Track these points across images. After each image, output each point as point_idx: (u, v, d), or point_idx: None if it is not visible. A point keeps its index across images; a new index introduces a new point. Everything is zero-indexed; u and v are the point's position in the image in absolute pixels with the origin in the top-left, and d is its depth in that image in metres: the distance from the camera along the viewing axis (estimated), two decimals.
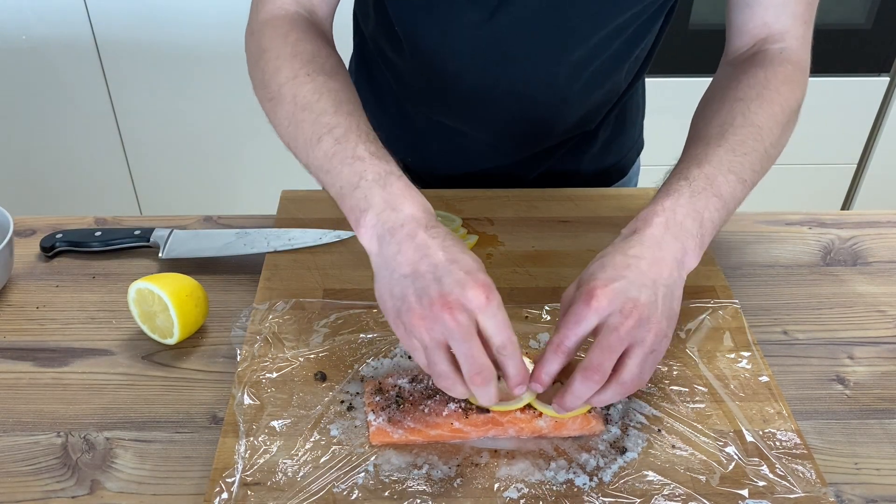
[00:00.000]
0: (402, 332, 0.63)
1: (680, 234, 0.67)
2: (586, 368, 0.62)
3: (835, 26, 1.95)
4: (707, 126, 0.77)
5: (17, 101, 2.04)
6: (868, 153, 2.17)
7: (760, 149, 0.74)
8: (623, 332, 0.62)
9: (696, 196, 0.69)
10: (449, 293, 0.60)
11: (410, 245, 0.64)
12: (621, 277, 0.64)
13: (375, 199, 0.66)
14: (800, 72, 0.81)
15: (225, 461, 0.66)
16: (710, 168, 0.71)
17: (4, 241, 0.84)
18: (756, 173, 0.74)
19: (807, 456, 0.67)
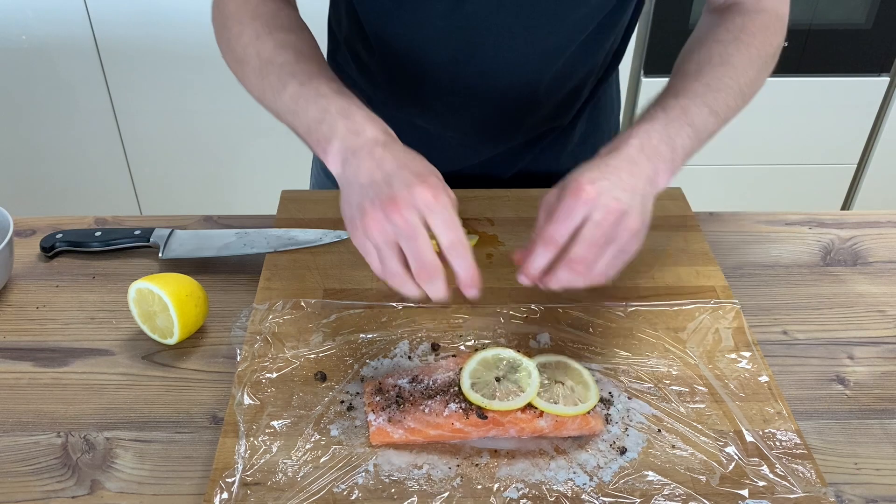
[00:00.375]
0: (358, 237, 0.67)
1: (653, 156, 0.72)
2: (573, 260, 0.67)
3: (835, 26, 1.95)
4: (686, 64, 0.83)
5: (17, 101, 2.04)
6: (868, 153, 2.17)
7: (735, 86, 0.79)
8: (606, 226, 0.67)
9: (670, 124, 0.74)
10: (397, 194, 0.64)
11: (369, 160, 0.68)
12: (605, 178, 0.69)
13: (339, 128, 0.72)
14: (776, 19, 0.86)
15: (225, 461, 0.66)
16: (686, 100, 0.77)
17: (4, 241, 0.84)
18: (729, 108, 0.79)
19: (807, 456, 0.67)
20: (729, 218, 0.99)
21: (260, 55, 0.79)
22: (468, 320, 0.81)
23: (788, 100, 2.04)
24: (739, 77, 0.80)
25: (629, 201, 0.68)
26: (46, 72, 1.98)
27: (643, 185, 0.70)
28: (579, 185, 0.68)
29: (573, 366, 0.72)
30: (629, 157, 0.71)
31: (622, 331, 0.80)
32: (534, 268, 0.69)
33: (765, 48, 0.84)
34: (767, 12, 0.86)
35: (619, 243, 0.68)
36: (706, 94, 0.78)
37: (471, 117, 0.98)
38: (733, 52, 0.81)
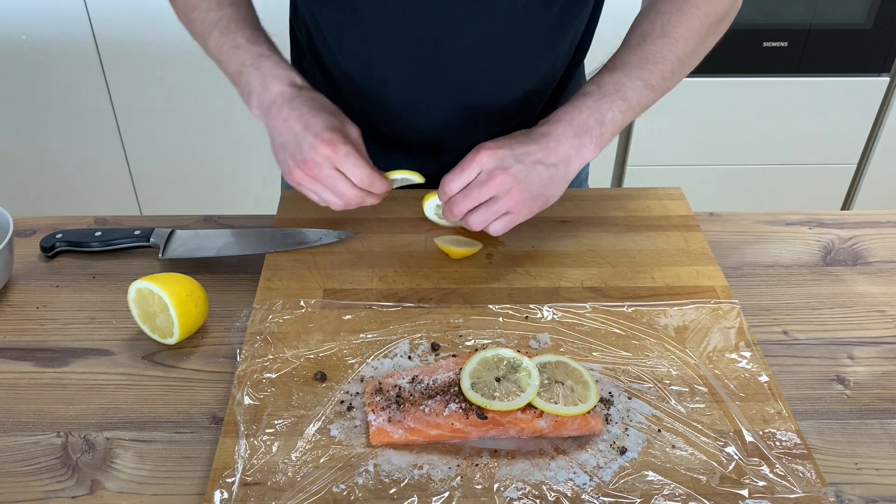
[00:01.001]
0: (293, 184, 0.83)
1: (580, 131, 0.80)
2: (451, 203, 0.81)
3: (835, 26, 1.95)
4: (630, 37, 0.87)
5: (17, 101, 2.04)
6: (868, 153, 2.17)
7: (672, 58, 0.83)
8: (485, 189, 0.78)
9: (602, 99, 0.81)
10: (306, 156, 0.79)
11: (279, 119, 0.81)
12: (507, 148, 0.78)
13: (254, 82, 0.83)
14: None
15: (225, 461, 0.66)
16: (620, 74, 0.82)
17: (4, 241, 0.84)
18: (666, 80, 0.84)
19: (807, 456, 0.67)
20: (729, 218, 0.99)
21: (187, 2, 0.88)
22: (468, 320, 0.81)
23: (788, 100, 2.04)
24: (678, 48, 0.84)
25: (521, 173, 0.78)
26: (46, 72, 1.98)
27: (556, 159, 0.79)
28: (479, 148, 0.79)
29: (573, 366, 0.72)
30: (554, 134, 0.80)
31: (622, 331, 0.80)
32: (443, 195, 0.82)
33: (708, 17, 0.85)
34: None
35: (497, 205, 0.79)
36: (642, 66, 0.82)
37: (435, 117, 0.97)
38: (675, 23, 0.84)
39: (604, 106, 0.81)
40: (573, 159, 0.80)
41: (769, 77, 2.00)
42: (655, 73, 0.83)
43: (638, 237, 0.94)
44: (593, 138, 0.80)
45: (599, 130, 0.80)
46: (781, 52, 1.97)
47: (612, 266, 0.89)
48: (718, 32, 0.88)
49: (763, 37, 1.93)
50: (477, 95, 0.95)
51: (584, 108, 0.80)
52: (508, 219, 0.81)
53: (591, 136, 0.80)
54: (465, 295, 0.85)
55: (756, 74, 1.99)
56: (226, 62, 0.86)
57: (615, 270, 0.88)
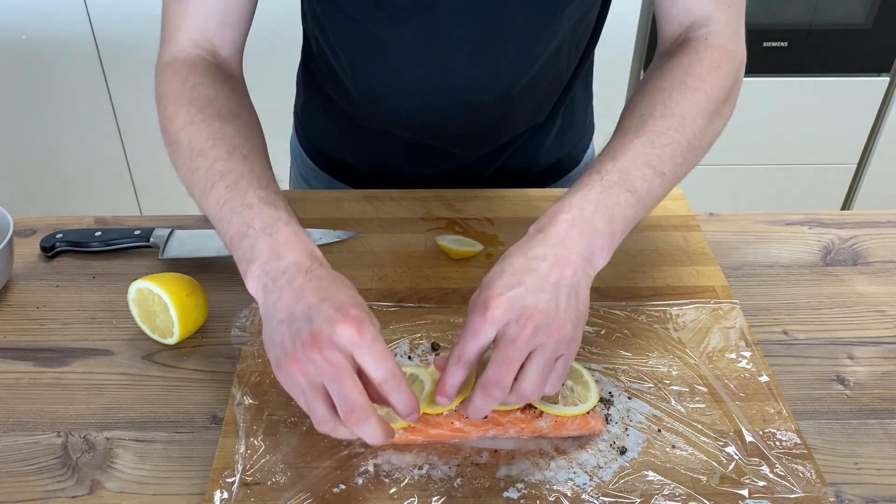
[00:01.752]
0: (284, 379, 0.61)
1: (587, 231, 0.65)
2: (485, 384, 0.61)
3: (835, 26, 1.95)
4: (628, 119, 0.74)
5: (17, 101, 2.04)
6: (868, 153, 2.17)
7: (682, 140, 0.71)
8: (521, 342, 0.60)
9: (607, 191, 0.67)
10: (319, 332, 0.59)
11: (289, 290, 0.62)
12: (518, 284, 0.62)
13: (261, 249, 0.65)
14: (727, 58, 0.78)
15: (225, 461, 0.66)
16: (625, 162, 0.69)
17: (4, 241, 0.84)
18: (678, 166, 0.71)
19: (807, 456, 0.67)
20: (729, 218, 0.99)
21: (191, 146, 0.73)
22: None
23: (788, 100, 2.04)
24: (687, 129, 0.72)
25: (548, 304, 0.61)
26: (46, 72, 1.98)
27: (572, 271, 0.64)
28: (486, 300, 0.61)
29: (573, 366, 0.72)
30: (558, 238, 0.65)
31: (622, 331, 0.80)
32: (449, 386, 0.63)
33: (714, 92, 0.75)
34: (717, 49, 0.78)
35: (545, 353, 0.61)
36: (648, 153, 0.69)
37: (445, 129, 0.97)
38: (678, 98, 0.73)
39: (610, 200, 0.67)
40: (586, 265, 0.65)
41: (769, 77, 2.01)
42: (665, 158, 0.70)
43: (638, 237, 0.94)
44: (603, 238, 0.66)
45: (609, 229, 0.66)
46: (781, 52, 1.97)
47: (612, 266, 0.89)
48: (725, 114, 0.77)
49: (763, 37, 1.94)
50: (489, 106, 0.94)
51: (586, 203, 0.66)
52: (562, 364, 0.63)
53: (601, 236, 0.66)
54: (465, 295, 0.85)
55: (756, 74, 1.99)
56: (226, 221, 0.68)
57: (615, 270, 0.88)
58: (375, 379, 0.60)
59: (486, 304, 0.61)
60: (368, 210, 0.97)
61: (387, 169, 1.05)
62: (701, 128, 0.73)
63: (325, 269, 0.65)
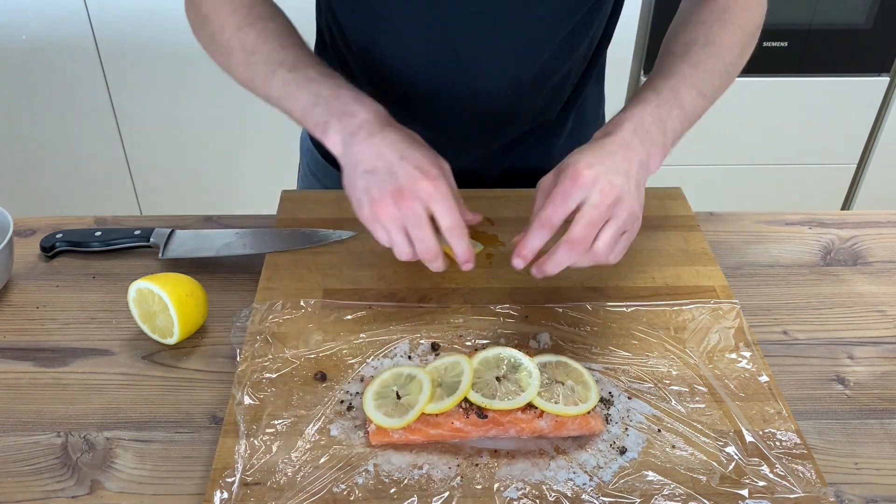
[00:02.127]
0: (366, 216, 0.74)
1: (646, 139, 0.74)
2: (571, 241, 0.70)
3: (835, 26, 1.95)
4: (674, 45, 0.84)
5: (17, 101, 2.04)
6: (868, 153, 2.17)
7: (720, 66, 0.82)
8: (603, 208, 0.69)
9: (661, 106, 0.77)
10: (403, 186, 0.71)
11: (369, 145, 0.73)
12: (601, 163, 0.71)
13: (335, 110, 0.76)
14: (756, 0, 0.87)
15: (225, 461, 0.66)
16: (675, 81, 0.79)
17: (4, 241, 0.84)
18: (716, 89, 0.82)
19: (807, 456, 0.67)
20: (729, 218, 0.99)
21: (244, 46, 0.83)
22: (468, 320, 0.81)
23: (788, 100, 2.04)
24: (725, 56, 0.82)
25: (624, 184, 0.70)
26: (46, 72, 1.98)
27: (637, 168, 0.73)
28: (577, 170, 0.70)
29: (573, 366, 0.72)
30: (623, 141, 0.73)
31: (622, 331, 0.80)
32: (529, 249, 0.71)
33: (747, 27, 0.85)
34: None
35: (618, 223, 0.70)
36: (694, 75, 0.80)
37: (455, 120, 0.97)
38: (718, 31, 0.83)
39: (663, 114, 0.76)
40: (644, 168, 0.75)
41: (769, 77, 2.00)
42: (707, 80, 0.80)
43: (638, 237, 0.93)
44: (657, 146, 0.76)
45: (662, 139, 0.76)
46: (781, 52, 1.97)
47: (612, 266, 0.89)
48: (751, 46, 0.88)
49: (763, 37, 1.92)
50: (498, 98, 0.95)
51: (645, 115, 0.76)
52: (626, 239, 0.73)
53: (656, 145, 0.75)
54: (465, 295, 0.85)
55: (756, 74, 1.99)
56: (294, 97, 0.79)
57: (615, 270, 0.88)
58: (443, 226, 0.73)
59: (577, 172, 0.70)
60: None
61: None
62: (736, 56, 0.84)
63: (395, 125, 0.77)
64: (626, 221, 0.71)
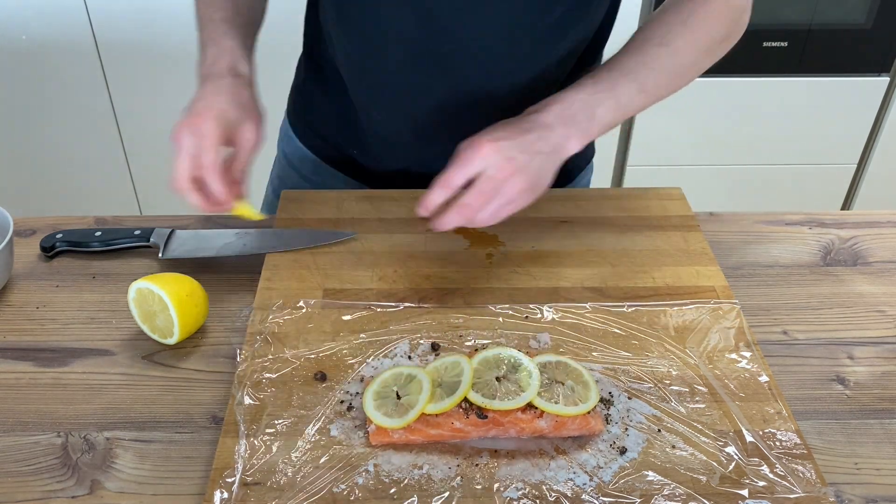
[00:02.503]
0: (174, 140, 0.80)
1: (569, 123, 0.80)
2: (461, 205, 0.77)
3: (835, 26, 1.95)
4: (633, 41, 0.87)
5: (17, 101, 2.04)
6: (868, 153, 2.17)
7: (670, 66, 0.85)
8: (495, 182, 0.76)
9: (595, 94, 0.81)
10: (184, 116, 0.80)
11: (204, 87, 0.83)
12: (508, 138, 0.77)
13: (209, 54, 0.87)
14: (727, 8, 0.87)
15: (225, 461, 0.66)
16: (617, 73, 0.83)
17: (4, 241, 0.84)
18: (660, 87, 0.85)
19: (807, 456, 0.67)
20: (729, 218, 0.99)
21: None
22: (468, 320, 0.81)
23: (788, 100, 2.04)
24: (677, 59, 0.85)
25: (525, 162, 0.77)
26: (46, 72, 1.98)
27: (549, 148, 0.79)
28: (480, 141, 0.77)
29: (573, 366, 0.72)
30: (543, 122, 0.79)
31: (622, 331, 0.80)
32: (430, 201, 0.78)
33: (710, 34, 0.87)
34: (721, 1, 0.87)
35: (506, 196, 0.77)
36: (639, 70, 0.84)
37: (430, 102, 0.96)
38: (676, 34, 0.86)
39: (595, 101, 0.81)
40: (560, 149, 0.80)
41: (769, 77, 2.00)
42: (651, 78, 0.84)
43: (638, 237, 0.94)
44: (580, 132, 0.80)
45: (587, 125, 0.81)
46: (781, 52, 1.97)
47: (612, 266, 0.89)
48: (720, 51, 0.89)
49: (763, 37, 1.93)
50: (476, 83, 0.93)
51: (576, 100, 0.81)
52: (511, 208, 0.80)
53: (579, 128, 0.80)
54: (465, 295, 0.85)
55: (756, 74, 1.99)
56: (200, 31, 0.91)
57: (615, 270, 0.88)
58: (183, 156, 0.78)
59: (479, 143, 0.77)
60: (368, 210, 0.97)
61: (375, 161, 1.05)
62: (691, 60, 0.87)
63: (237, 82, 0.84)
64: (513, 196, 0.77)
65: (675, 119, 2.04)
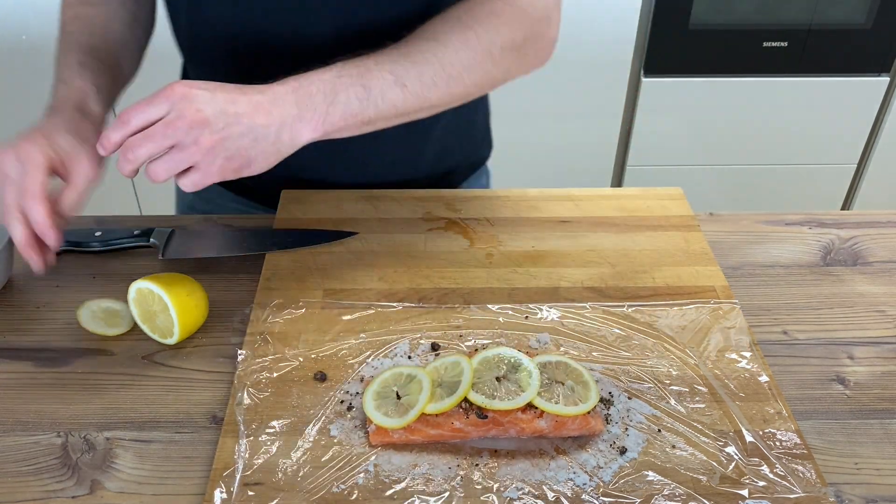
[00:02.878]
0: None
1: (303, 102, 0.72)
2: (127, 145, 0.70)
3: (835, 26, 1.95)
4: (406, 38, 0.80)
5: (17, 101, 2.04)
6: (868, 153, 2.17)
7: (436, 62, 0.77)
8: (171, 129, 0.68)
9: (340, 79, 0.74)
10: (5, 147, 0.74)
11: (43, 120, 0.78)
12: (210, 92, 0.70)
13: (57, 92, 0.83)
14: (513, 10, 0.82)
15: (225, 461, 0.66)
16: (371, 63, 0.76)
17: (4, 242, 0.84)
18: (426, 85, 0.77)
19: (807, 456, 0.67)
20: (729, 218, 0.99)
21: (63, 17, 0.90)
22: (468, 320, 0.81)
23: (788, 100, 2.04)
24: (447, 55, 0.78)
25: (218, 121, 0.69)
26: (46, 72, 1.98)
27: (266, 121, 0.71)
28: (174, 86, 0.70)
29: (573, 366, 0.72)
30: (274, 95, 0.72)
31: (622, 331, 0.80)
32: (106, 139, 0.71)
33: (488, 35, 0.80)
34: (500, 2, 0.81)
35: (183, 152, 0.69)
36: (398, 61, 0.76)
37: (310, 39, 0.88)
38: (448, 30, 0.79)
39: (339, 86, 0.74)
40: (286, 128, 0.72)
41: (769, 77, 2.01)
42: (412, 71, 0.76)
43: (638, 237, 0.94)
44: (317, 114, 0.73)
45: (325, 109, 0.73)
46: (781, 52, 1.97)
47: (612, 266, 0.89)
48: (506, 61, 0.82)
49: (763, 37, 1.94)
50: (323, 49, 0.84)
51: (317, 80, 0.73)
52: (198, 176, 0.71)
53: (316, 111, 0.73)
54: (465, 295, 0.85)
55: (756, 74, 1.99)
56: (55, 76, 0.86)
57: (615, 270, 0.88)
58: None
59: (172, 87, 0.70)
60: (368, 210, 0.97)
61: None
62: (465, 60, 0.79)
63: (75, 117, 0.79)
64: (196, 157, 0.69)
65: (675, 119, 2.04)
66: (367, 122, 0.77)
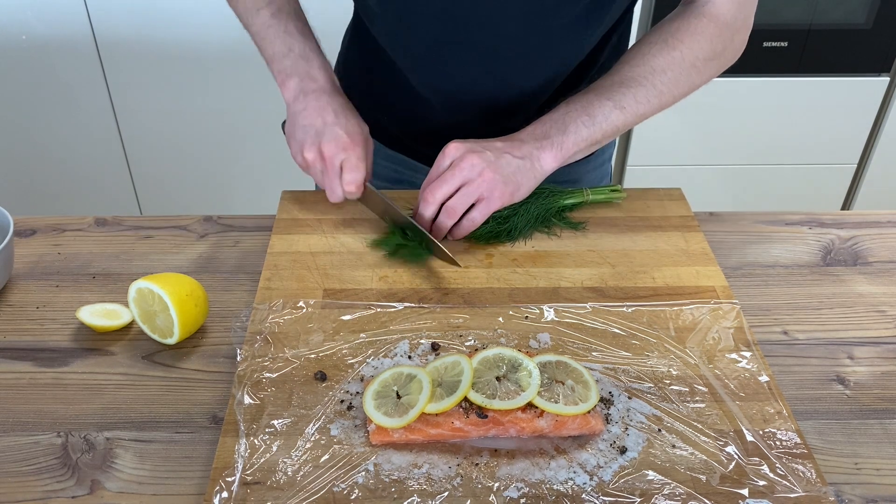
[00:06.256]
0: (300, 161, 0.92)
1: (541, 139, 0.86)
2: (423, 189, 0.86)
3: (835, 26, 1.95)
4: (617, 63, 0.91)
5: (17, 101, 2.04)
6: (868, 153, 2.17)
7: (648, 84, 0.88)
8: (457, 171, 0.84)
9: (567, 114, 0.87)
10: (327, 143, 0.88)
11: (315, 104, 0.90)
12: (476, 143, 0.85)
13: (300, 69, 0.92)
14: (716, 26, 0.89)
15: (225, 461, 0.66)
16: (591, 95, 0.88)
17: (4, 241, 0.84)
18: (640, 104, 0.88)
19: (807, 456, 0.67)
20: (729, 218, 0.99)
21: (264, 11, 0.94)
22: (468, 320, 0.81)
23: (788, 100, 2.04)
24: (656, 76, 0.88)
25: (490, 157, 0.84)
26: (46, 72, 1.98)
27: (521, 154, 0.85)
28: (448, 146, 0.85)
29: (573, 366, 0.72)
30: (517, 138, 0.87)
31: (622, 331, 0.80)
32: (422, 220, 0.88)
33: (693, 52, 0.89)
34: (708, 17, 0.89)
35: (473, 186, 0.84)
36: (613, 89, 0.87)
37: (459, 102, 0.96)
38: (656, 53, 0.88)
39: (567, 118, 0.86)
40: (535, 160, 0.85)
41: (769, 77, 2.00)
42: (628, 95, 0.87)
43: (638, 237, 0.94)
44: (553, 145, 0.85)
45: (560, 139, 0.85)
46: (781, 52, 1.97)
47: (612, 266, 0.89)
48: (710, 69, 0.91)
49: (763, 37, 1.93)
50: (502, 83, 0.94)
51: (547, 121, 0.87)
52: (484, 205, 0.85)
53: (552, 142, 0.85)
54: (465, 295, 0.85)
55: (756, 74, 1.99)
56: (271, 42, 0.92)
57: (615, 270, 0.88)
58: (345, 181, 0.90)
59: (447, 147, 0.85)
60: (369, 210, 0.97)
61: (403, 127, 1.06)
62: (672, 78, 0.89)
63: (342, 96, 0.93)
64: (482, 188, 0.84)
65: (675, 119, 2.04)
66: (596, 143, 0.89)
